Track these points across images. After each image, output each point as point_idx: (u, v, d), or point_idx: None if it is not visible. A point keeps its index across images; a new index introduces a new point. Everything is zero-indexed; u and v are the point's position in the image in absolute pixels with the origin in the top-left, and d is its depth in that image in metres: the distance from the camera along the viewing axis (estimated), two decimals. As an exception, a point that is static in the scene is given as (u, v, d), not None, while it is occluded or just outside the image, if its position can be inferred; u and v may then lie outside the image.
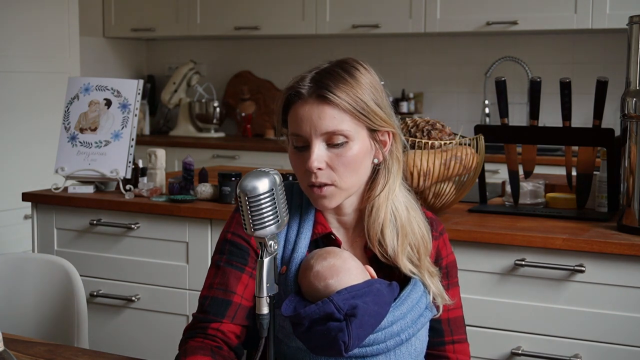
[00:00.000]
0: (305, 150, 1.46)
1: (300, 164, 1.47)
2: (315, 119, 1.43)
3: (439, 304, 1.53)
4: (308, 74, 1.48)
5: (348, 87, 1.44)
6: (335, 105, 1.43)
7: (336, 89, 1.43)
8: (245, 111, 5.37)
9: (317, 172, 1.44)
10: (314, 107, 1.44)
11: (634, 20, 2.24)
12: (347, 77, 1.45)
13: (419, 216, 1.55)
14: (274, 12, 4.90)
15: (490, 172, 3.96)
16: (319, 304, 1.38)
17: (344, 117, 1.44)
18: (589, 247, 2.16)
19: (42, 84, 4.40)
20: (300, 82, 1.46)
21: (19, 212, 4.17)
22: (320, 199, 1.47)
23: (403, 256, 1.50)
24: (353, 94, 1.44)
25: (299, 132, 1.45)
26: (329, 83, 1.44)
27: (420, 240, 1.52)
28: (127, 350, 2.69)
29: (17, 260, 2.23)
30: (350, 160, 1.45)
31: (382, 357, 1.45)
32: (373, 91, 1.47)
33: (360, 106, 1.44)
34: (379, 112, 1.47)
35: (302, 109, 1.45)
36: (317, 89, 1.44)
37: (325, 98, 1.43)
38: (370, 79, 1.48)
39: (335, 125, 1.43)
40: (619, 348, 2.17)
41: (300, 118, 1.45)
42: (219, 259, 1.53)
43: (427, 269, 1.52)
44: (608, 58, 4.46)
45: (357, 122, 1.45)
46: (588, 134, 2.50)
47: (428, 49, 4.93)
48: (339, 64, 1.48)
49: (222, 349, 1.46)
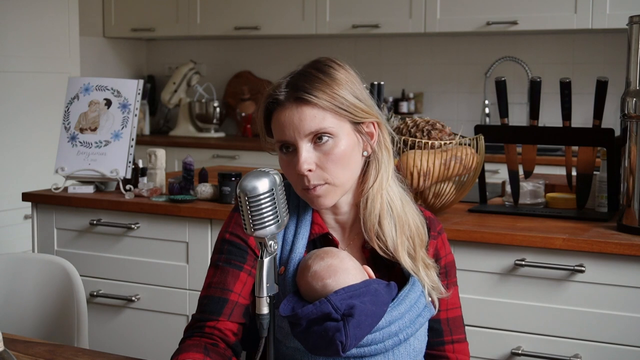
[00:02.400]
0: (293, 155, 1.46)
1: (291, 169, 1.47)
2: (297, 122, 1.44)
3: (435, 297, 1.53)
4: (283, 80, 1.49)
5: (324, 85, 1.44)
6: (314, 104, 1.44)
7: (312, 89, 1.44)
8: (245, 111, 5.37)
9: (308, 175, 1.45)
10: (294, 110, 1.44)
11: (634, 20, 2.24)
12: (322, 75, 1.46)
13: (412, 208, 1.56)
14: (274, 12, 4.90)
15: (490, 172, 3.96)
16: (316, 304, 1.38)
17: (325, 115, 1.44)
18: (589, 247, 2.16)
19: (42, 84, 4.40)
20: (276, 90, 1.47)
21: (19, 212, 4.17)
22: (316, 199, 1.48)
23: (403, 249, 1.50)
24: (330, 91, 1.44)
25: (284, 137, 1.46)
26: (304, 85, 1.45)
27: (416, 231, 1.53)
28: (127, 350, 2.69)
29: (17, 260, 2.23)
30: (338, 156, 1.45)
31: (380, 357, 1.45)
32: (350, 85, 1.47)
33: (339, 101, 1.45)
34: (358, 104, 1.47)
35: (282, 115, 1.45)
36: (293, 93, 1.45)
37: (303, 100, 1.44)
38: (345, 73, 1.48)
39: (318, 124, 1.44)
40: (619, 348, 2.17)
41: (283, 124, 1.45)
42: (217, 258, 1.53)
43: (423, 261, 1.52)
44: (608, 58, 4.46)
45: (339, 118, 1.45)
46: (588, 134, 2.50)
47: (428, 49, 4.93)
48: (312, 65, 1.49)
49: (217, 346, 1.46)
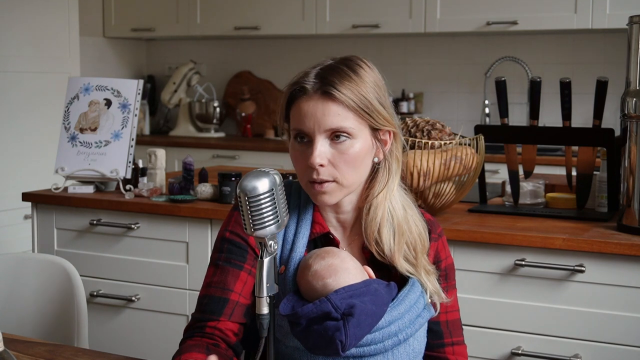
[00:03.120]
0: (307, 146, 1.45)
1: (302, 159, 1.46)
2: (319, 115, 1.43)
3: (436, 301, 1.53)
4: (312, 69, 1.47)
5: (353, 85, 1.43)
6: (340, 102, 1.43)
7: (341, 86, 1.43)
8: (245, 111, 5.37)
9: (319, 169, 1.44)
10: (319, 103, 1.43)
11: (634, 20, 2.24)
12: (352, 74, 1.45)
13: (416, 214, 1.55)
14: (274, 12, 4.90)
15: (490, 172, 3.96)
16: (316, 303, 1.38)
17: (348, 115, 1.43)
18: (589, 247, 2.16)
19: (42, 84, 4.40)
20: (304, 78, 1.46)
21: (19, 212, 4.17)
22: (320, 195, 1.47)
23: (400, 256, 1.50)
24: (358, 92, 1.43)
25: (302, 127, 1.45)
26: (334, 80, 1.43)
27: (418, 238, 1.52)
28: (127, 350, 2.69)
29: (17, 260, 2.23)
30: (352, 157, 1.45)
31: (379, 357, 1.45)
32: (377, 90, 1.46)
33: (364, 104, 1.44)
34: (382, 111, 1.46)
35: (306, 105, 1.44)
36: (322, 85, 1.43)
37: (330, 94, 1.43)
38: (374, 77, 1.48)
39: (339, 122, 1.43)
40: (619, 348, 2.17)
41: (304, 114, 1.44)
42: (217, 257, 1.53)
43: (424, 267, 1.52)
44: (608, 58, 4.46)
45: (360, 120, 1.45)
46: (588, 134, 2.50)
47: (428, 49, 4.93)
48: (343, 61, 1.48)
49: (219, 347, 1.45)
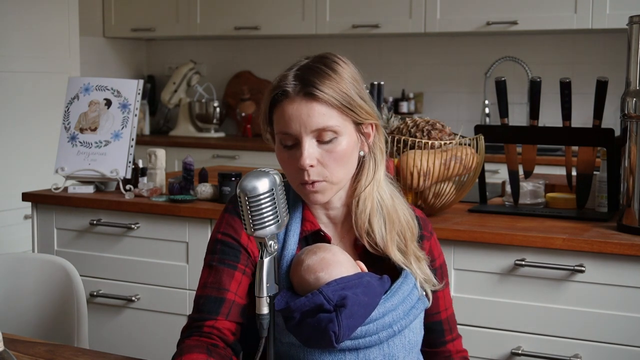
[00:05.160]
0: (295, 149, 1.46)
1: (291, 162, 1.47)
2: (304, 117, 1.43)
3: (428, 289, 1.54)
4: (289, 71, 1.48)
5: (333, 83, 1.44)
6: (324, 101, 1.44)
7: (322, 85, 1.43)
8: (245, 111, 5.37)
9: (309, 170, 1.45)
10: (302, 104, 1.44)
11: (634, 20, 2.24)
12: (331, 72, 1.45)
13: (402, 203, 1.57)
14: (274, 12, 4.90)
15: (490, 172, 3.96)
16: (308, 296, 1.39)
17: (332, 113, 1.44)
18: (589, 247, 2.16)
19: (42, 84, 4.40)
20: (284, 81, 1.46)
21: (19, 212, 4.17)
22: (312, 195, 1.48)
23: (393, 245, 1.51)
24: (339, 89, 1.44)
25: (288, 130, 1.45)
26: (314, 80, 1.44)
27: (406, 226, 1.54)
28: (127, 350, 2.69)
29: (17, 260, 2.23)
30: (340, 155, 1.46)
31: (375, 349, 1.45)
32: (356, 85, 1.48)
33: (346, 101, 1.45)
34: (364, 105, 1.48)
35: (290, 108, 1.45)
36: (303, 87, 1.44)
37: (313, 95, 1.43)
38: (351, 72, 1.49)
39: (325, 121, 1.44)
40: (619, 348, 2.17)
41: (289, 116, 1.45)
42: (211, 259, 1.53)
43: (414, 254, 1.53)
44: (608, 58, 4.46)
45: (344, 117, 1.46)
46: (588, 134, 2.50)
47: (428, 49, 4.93)
48: (319, 60, 1.49)
49: (218, 347, 1.46)
